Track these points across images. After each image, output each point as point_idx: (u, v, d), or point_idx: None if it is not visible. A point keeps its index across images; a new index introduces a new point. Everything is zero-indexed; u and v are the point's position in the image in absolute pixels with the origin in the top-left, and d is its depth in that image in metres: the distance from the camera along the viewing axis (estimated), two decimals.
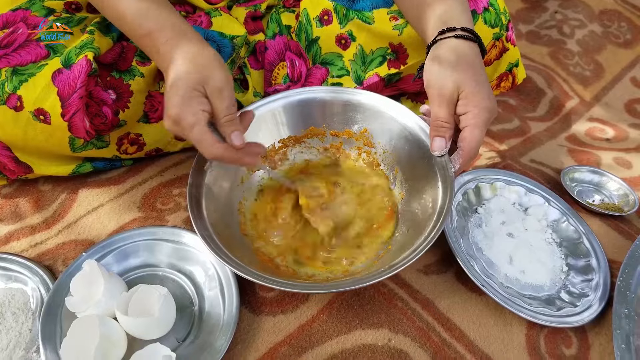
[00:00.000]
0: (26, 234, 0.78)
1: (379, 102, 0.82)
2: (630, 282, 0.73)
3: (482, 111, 0.66)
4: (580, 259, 0.79)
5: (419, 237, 0.66)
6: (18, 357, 0.63)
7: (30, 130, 0.74)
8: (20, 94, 0.71)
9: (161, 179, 0.88)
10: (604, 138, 1.14)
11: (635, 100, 1.28)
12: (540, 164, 1.00)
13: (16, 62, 0.72)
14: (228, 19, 0.87)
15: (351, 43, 0.90)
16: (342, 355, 0.66)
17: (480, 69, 0.69)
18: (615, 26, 1.49)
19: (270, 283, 0.61)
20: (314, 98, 0.84)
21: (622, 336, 0.67)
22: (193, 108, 0.63)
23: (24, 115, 0.72)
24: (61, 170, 0.83)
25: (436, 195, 0.70)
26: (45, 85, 0.71)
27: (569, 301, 0.73)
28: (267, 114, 0.82)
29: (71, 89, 0.71)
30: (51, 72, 0.72)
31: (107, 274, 0.66)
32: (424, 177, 0.74)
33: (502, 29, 0.88)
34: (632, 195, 0.92)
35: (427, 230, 0.66)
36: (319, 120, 0.85)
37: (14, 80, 0.71)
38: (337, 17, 0.89)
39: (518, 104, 1.21)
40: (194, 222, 0.66)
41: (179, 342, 0.65)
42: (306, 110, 0.84)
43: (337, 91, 0.84)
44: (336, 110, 0.84)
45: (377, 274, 0.61)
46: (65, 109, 0.72)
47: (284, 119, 0.84)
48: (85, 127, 0.74)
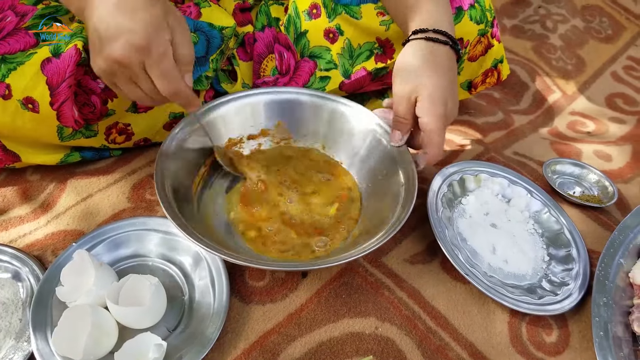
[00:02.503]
0: (15, 224, 0.78)
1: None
2: (609, 272, 0.75)
3: (435, 118, 0.69)
4: (561, 249, 0.81)
5: (390, 218, 0.71)
6: (8, 346, 0.64)
7: (19, 118, 0.73)
8: (9, 83, 0.71)
9: (150, 169, 0.88)
10: (585, 131, 1.17)
11: (616, 95, 1.31)
12: (523, 157, 1.02)
13: (4, 51, 0.72)
14: (217, 9, 0.87)
15: (339, 37, 0.91)
16: (330, 343, 0.67)
17: (445, 72, 0.72)
18: (597, 21, 1.52)
19: (234, 258, 0.62)
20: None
21: (601, 324, 0.69)
22: (163, 38, 0.61)
23: (12, 103, 0.72)
24: (49, 159, 0.83)
25: (398, 180, 0.76)
26: (34, 73, 0.71)
27: (550, 290, 0.75)
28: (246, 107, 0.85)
29: (60, 78, 0.71)
30: (40, 60, 0.71)
31: (98, 264, 0.66)
32: (385, 169, 0.80)
33: (487, 25, 0.90)
34: (611, 188, 0.95)
35: (395, 213, 0.71)
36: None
37: (2, 69, 0.71)
38: (326, 11, 0.89)
39: (502, 97, 1.22)
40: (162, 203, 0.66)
41: (170, 332, 0.66)
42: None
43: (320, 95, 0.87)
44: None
45: (348, 255, 0.64)
46: (54, 97, 0.72)
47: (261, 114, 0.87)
48: (74, 116, 0.74)
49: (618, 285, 0.74)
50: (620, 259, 0.77)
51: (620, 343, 0.68)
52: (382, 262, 0.77)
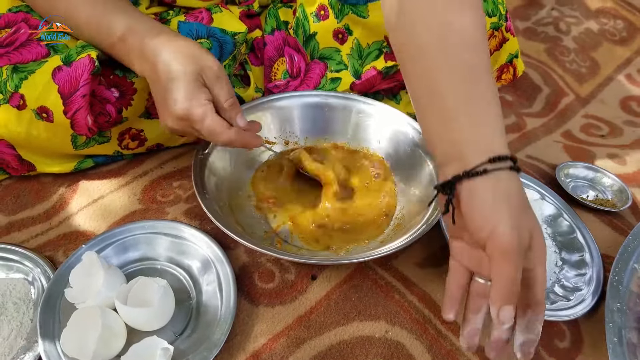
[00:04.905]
0: (27, 225, 0.79)
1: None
2: (623, 277, 0.74)
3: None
4: (574, 253, 0.80)
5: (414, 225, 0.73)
6: (19, 346, 0.64)
7: (34, 128, 0.74)
8: (22, 93, 0.71)
9: (161, 171, 0.88)
10: (599, 134, 1.15)
11: (630, 98, 1.29)
12: (536, 160, 1.01)
13: (17, 60, 0.73)
14: (228, 15, 0.87)
15: (348, 37, 0.91)
16: (339, 347, 0.67)
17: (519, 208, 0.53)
18: (611, 24, 1.50)
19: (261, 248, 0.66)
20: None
21: (615, 330, 0.68)
22: (199, 100, 0.65)
23: (27, 113, 0.73)
24: (63, 168, 0.84)
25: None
26: (45, 82, 0.71)
27: (563, 295, 0.74)
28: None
29: (73, 87, 0.71)
30: (51, 69, 0.72)
31: (107, 266, 0.67)
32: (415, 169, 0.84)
33: (500, 18, 0.88)
34: (625, 192, 0.94)
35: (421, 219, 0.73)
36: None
37: (14, 79, 0.71)
38: (333, 12, 0.89)
39: (514, 99, 1.21)
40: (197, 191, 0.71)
41: (176, 336, 0.66)
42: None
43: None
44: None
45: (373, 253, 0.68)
46: (67, 106, 0.72)
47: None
48: (88, 124, 0.74)
49: (632, 291, 0.73)
50: (634, 264, 0.76)
51: (634, 349, 0.67)
52: (392, 265, 0.77)
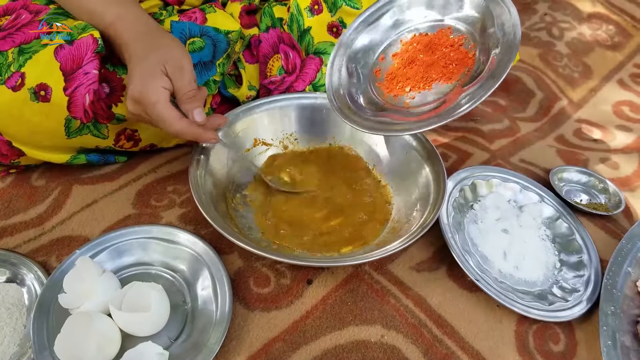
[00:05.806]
0: (20, 229, 0.78)
1: None
2: (617, 281, 0.74)
3: None
4: (572, 255, 0.80)
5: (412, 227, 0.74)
6: (12, 352, 0.63)
7: (27, 110, 0.72)
8: (24, 71, 0.70)
9: (155, 175, 0.88)
10: (592, 139, 1.16)
11: (623, 102, 1.30)
12: (529, 164, 1.01)
13: (20, 40, 0.72)
14: (222, 14, 0.88)
15: (342, 30, 0.91)
16: (335, 351, 0.67)
17: None
18: (603, 29, 1.51)
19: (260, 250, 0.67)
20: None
21: (609, 333, 0.68)
22: (155, 86, 0.66)
23: (21, 94, 0.71)
24: (55, 157, 0.82)
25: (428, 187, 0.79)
26: (47, 60, 0.71)
27: (561, 296, 0.74)
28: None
29: (76, 64, 0.71)
30: (53, 48, 0.72)
31: (101, 272, 0.66)
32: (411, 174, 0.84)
33: None
34: (618, 196, 0.94)
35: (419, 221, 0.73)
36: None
37: (20, 60, 0.71)
38: (327, 5, 0.90)
39: (508, 104, 1.22)
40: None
41: (172, 341, 0.65)
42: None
43: None
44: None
45: (371, 254, 0.69)
46: (68, 82, 0.71)
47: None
48: (84, 104, 0.73)
49: (626, 294, 0.73)
50: (628, 268, 0.76)
51: (628, 352, 0.67)
52: (387, 269, 0.76)
